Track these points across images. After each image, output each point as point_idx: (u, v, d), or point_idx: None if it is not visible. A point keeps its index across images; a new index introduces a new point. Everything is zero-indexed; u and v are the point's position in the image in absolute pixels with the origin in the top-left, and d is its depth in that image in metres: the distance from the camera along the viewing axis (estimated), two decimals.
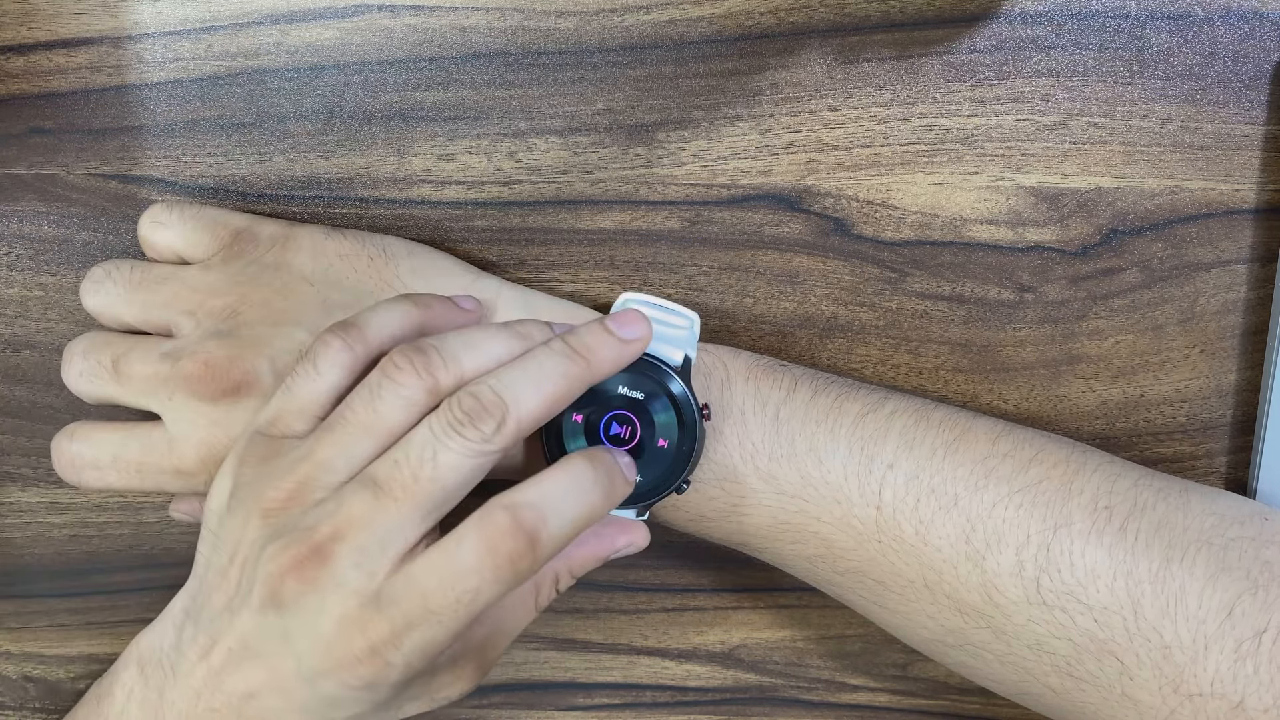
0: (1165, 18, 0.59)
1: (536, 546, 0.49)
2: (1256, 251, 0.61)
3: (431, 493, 0.49)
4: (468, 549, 0.48)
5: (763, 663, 0.67)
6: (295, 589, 0.48)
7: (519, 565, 0.48)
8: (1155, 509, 0.54)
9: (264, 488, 0.51)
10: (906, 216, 0.61)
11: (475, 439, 0.49)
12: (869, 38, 0.60)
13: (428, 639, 0.48)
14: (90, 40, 0.61)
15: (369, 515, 0.49)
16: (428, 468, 0.49)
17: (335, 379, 0.53)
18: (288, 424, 0.53)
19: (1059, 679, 0.54)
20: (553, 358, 0.52)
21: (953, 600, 0.55)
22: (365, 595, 0.48)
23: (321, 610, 0.48)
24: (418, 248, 0.60)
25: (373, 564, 0.48)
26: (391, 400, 0.51)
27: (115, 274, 0.59)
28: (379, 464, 0.50)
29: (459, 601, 0.48)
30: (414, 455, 0.50)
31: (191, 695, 0.51)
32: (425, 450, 0.49)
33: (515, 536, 0.48)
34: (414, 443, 0.50)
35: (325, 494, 0.50)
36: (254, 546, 0.50)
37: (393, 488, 0.49)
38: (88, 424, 0.60)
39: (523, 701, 0.68)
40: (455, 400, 0.50)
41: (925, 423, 0.56)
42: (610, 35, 0.60)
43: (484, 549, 0.48)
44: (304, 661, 0.49)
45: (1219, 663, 0.51)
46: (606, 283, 0.63)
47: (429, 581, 0.48)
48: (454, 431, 0.49)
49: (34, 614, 0.67)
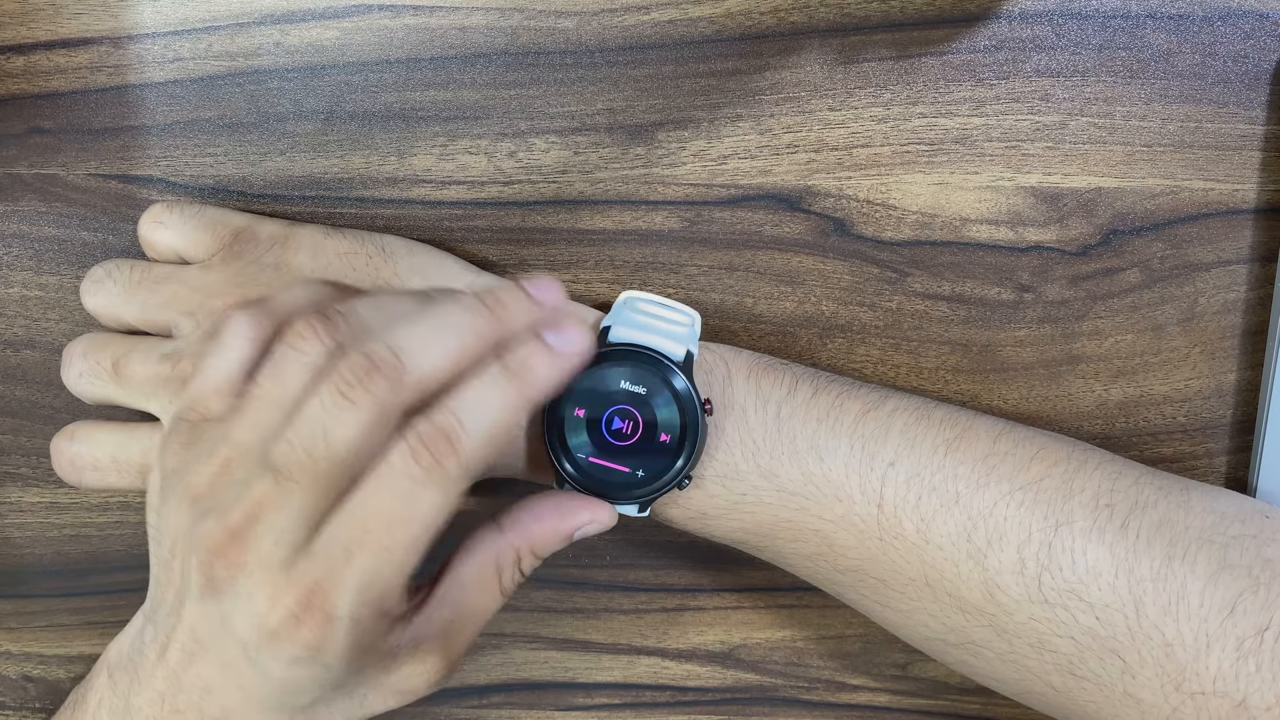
0: (1165, 18, 0.59)
1: (456, 443, 0.47)
2: (1256, 251, 0.61)
3: (330, 469, 0.47)
4: (394, 458, 0.46)
5: (763, 663, 0.67)
6: (224, 574, 0.47)
7: (446, 464, 0.46)
8: (1156, 507, 0.54)
9: (188, 474, 0.49)
10: (906, 216, 0.61)
11: (367, 403, 0.47)
12: (869, 38, 0.60)
13: (369, 570, 0.46)
14: (90, 40, 0.61)
15: (275, 498, 0.46)
16: (320, 446, 0.47)
17: (241, 352, 0.51)
18: (205, 406, 0.51)
19: (1060, 677, 0.54)
20: (457, 310, 0.50)
21: (954, 598, 0.55)
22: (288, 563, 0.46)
23: (254, 588, 0.46)
24: (417, 247, 0.60)
25: (294, 538, 0.46)
26: (294, 369, 0.49)
27: (115, 274, 0.59)
28: (275, 445, 0.47)
29: (396, 512, 0.46)
30: (305, 433, 0.47)
31: (156, 698, 0.51)
32: (315, 426, 0.47)
33: (433, 437, 0.46)
34: (305, 418, 0.47)
35: (244, 474, 0.48)
36: (186, 535, 0.49)
37: (291, 470, 0.47)
38: (87, 424, 0.60)
39: (523, 701, 0.68)
40: (344, 362, 0.47)
41: (926, 421, 0.56)
42: (610, 35, 0.60)
43: (408, 453, 0.46)
44: (247, 644, 0.47)
45: (1221, 660, 0.51)
46: (606, 283, 0.63)
47: (363, 505, 0.46)
48: (342, 398, 0.47)
49: (34, 614, 0.67)
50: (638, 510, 0.56)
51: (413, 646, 0.51)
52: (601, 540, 0.65)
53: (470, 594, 0.53)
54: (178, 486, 0.50)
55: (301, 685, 0.48)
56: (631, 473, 0.55)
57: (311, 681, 0.48)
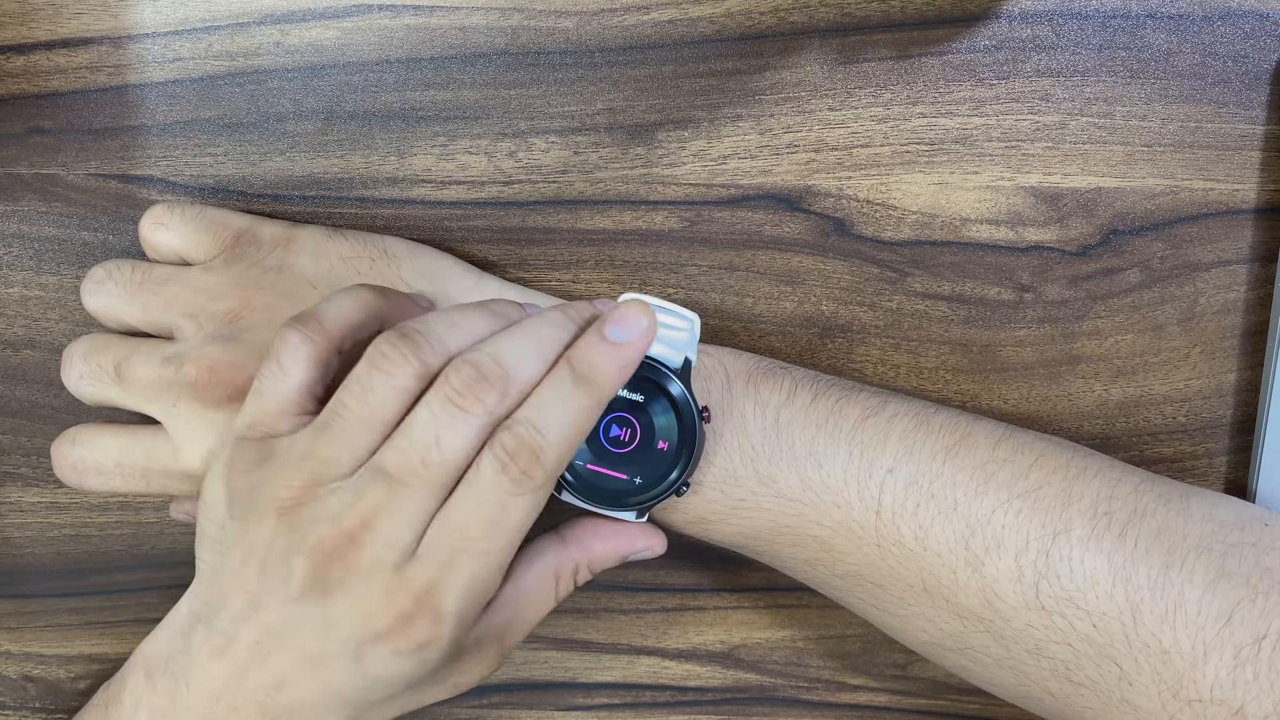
0: (1165, 18, 0.59)
1: (541, 454, 0.50)
2: (1256, 251, 0.61)
3: (442, 474, 0.50)
4: (486, 472, 0.50)
5: (763, 663, 0.67)
6: (339, 574, 0.49)
7: (533, 474, 0.50)
8: (1155, 515, 0.54)
9: (273, 488, 0.51)
10: (906, 216, 0.61)
11: (478, 411, 0.50)
12: (869, 38, 0.60)
13: (473, 574, 0.50)
14: (90, 40, 0.61)
15: (389, 503, 0.50)
16: (434, 452, 0.50)
17: (301, 375, 0.53)
18: (270, 425, 0.53)
19: (1058, 684, 0.54)
20: (549, 324, 0.53)
21: (952, 605, 0.55)
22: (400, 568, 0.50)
23: (367, 589, 0.49)
24: (419, 248, 0.60)
25: (404, 542, 0.50)
26: (383, 390, 0.51)
27: (116, 275, 0.59)
28: (386, 453, 0.51)
29: (491, 523, 0.50)
30: (418, 440, 0.50)
31: (208, 698, 0.51)
32: (427, 434, 0.50)
33: (519, 450, 0.50)
34: (416, 427, 0.50)
35: (337, 487, 0.50)
36: (273, 544, 0.50)
37: (404, 476, 0.50)
38: (89, 428, 0.60)
39: (523, 701, 0.68)
40: (453, 372, 0.50)
41: (925, 427, 0.56)
42: (610, 35, 0.60)
43: (497, 467, 0.50)
44: (349, 641, 0.50)
45: (1219, 669, 0.51)
46: (606, 283, 0.63)
47: (459, 516, 0.50)
48: (454, 408, 0.50)
49: (34, 614, 0.67)
50: (636, 516, 0.56)
51: (476, 645, 0.54)
52: None
53: (528, 598, 0.56)
54: (258, 500, 0.51)
55: (394, 680, 0.51)
56: (629, 480, 0.55)
57: (406, 676, 0.51)
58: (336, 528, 0.49)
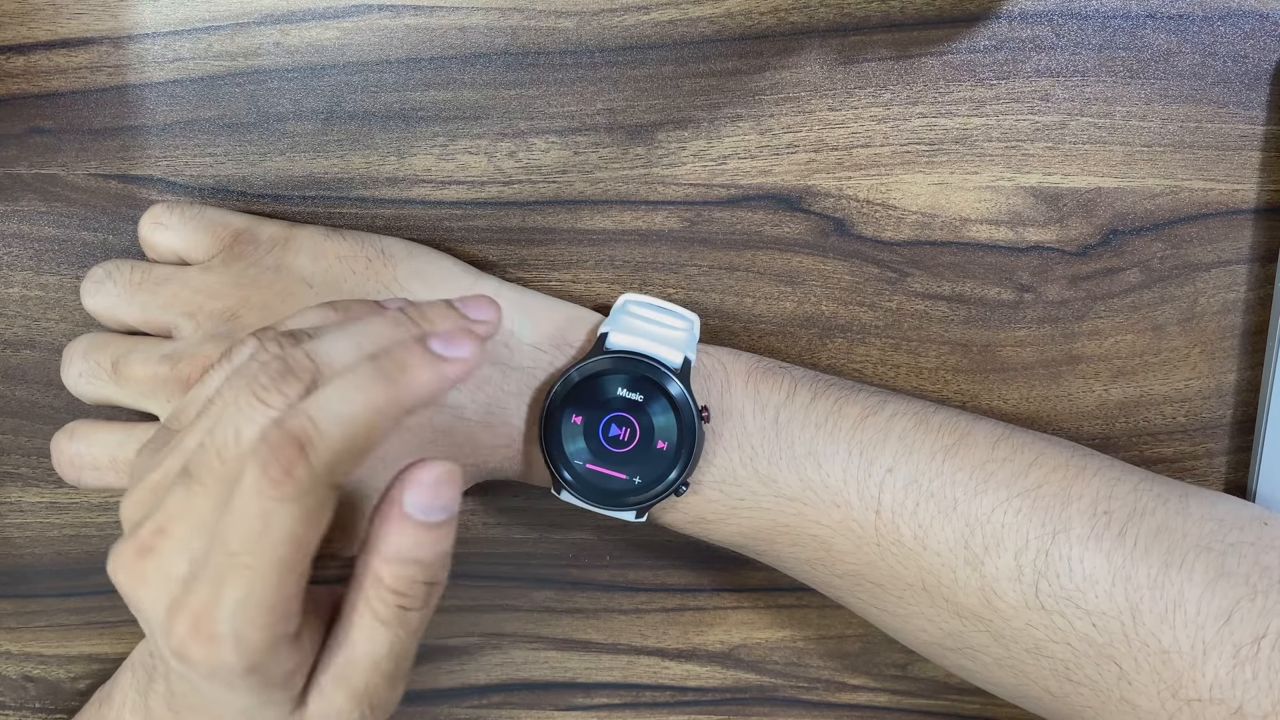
0: (1165, 18, 0.59)
1: (309, 448, 0.44)
2: (1256, 251, 0.61)
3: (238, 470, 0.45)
4: (246, 477, 0.44)
5: (763, 663, 0.67)
6: (129, 586, 0.46)
7: (295, 474, 0.43)
8: (1155, 514, 0.54)
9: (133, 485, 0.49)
10: (906, 216, 0.61)
11: (279, 405, 0.45)
12: (869, 38, 0.60)
13: (242, 590, 0.44)
14: (90, 40, 0.61)
15: (184, 507, 0.46)
16: (231, 447, 0.45)
17: None
18: (187, 416, 0.51)
19: (1057, 683, 0.54)
20: (380, 322, 0.49)
21: (951, 604, 0.55)
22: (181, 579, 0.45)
23: (155, 603, 0.46)
24: (417, 249, 0.60)
25: (192, 549, 0.45)
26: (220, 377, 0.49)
27: (115, 274, 0.59)
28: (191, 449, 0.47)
29: (253, 534, 0.44)
30: (219, 436, 0.46)
31: (163, 700, 0.52)
32: (228, 428, 0.46)
33: (282, 446, 0.43)
34: (220, 421, 0.46)
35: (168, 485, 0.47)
36: None
37: (201, 475, 0.45)
38: (87, 423, 0.60)
39: (523, 701, 0.68)
40: (260, 364, 0.47)
41: (925, 426, 0.56)
42: (610, 35, 0.60)
43: (258, 469, 0.43)
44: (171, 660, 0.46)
45: (1218, 668, 0.51)
46: (606, 283, 0.63)
47: (223, 527, 0.44)
48: (255, 400, 0.45)
49: (34, 614, 0.67)
50: (635, 516, 0.56)
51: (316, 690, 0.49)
52: (601, 540, 0.65)
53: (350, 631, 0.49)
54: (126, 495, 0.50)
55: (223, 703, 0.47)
56: (629, 479, 0.56)
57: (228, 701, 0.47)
58: (134, 537, 0.46)
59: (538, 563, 0.66)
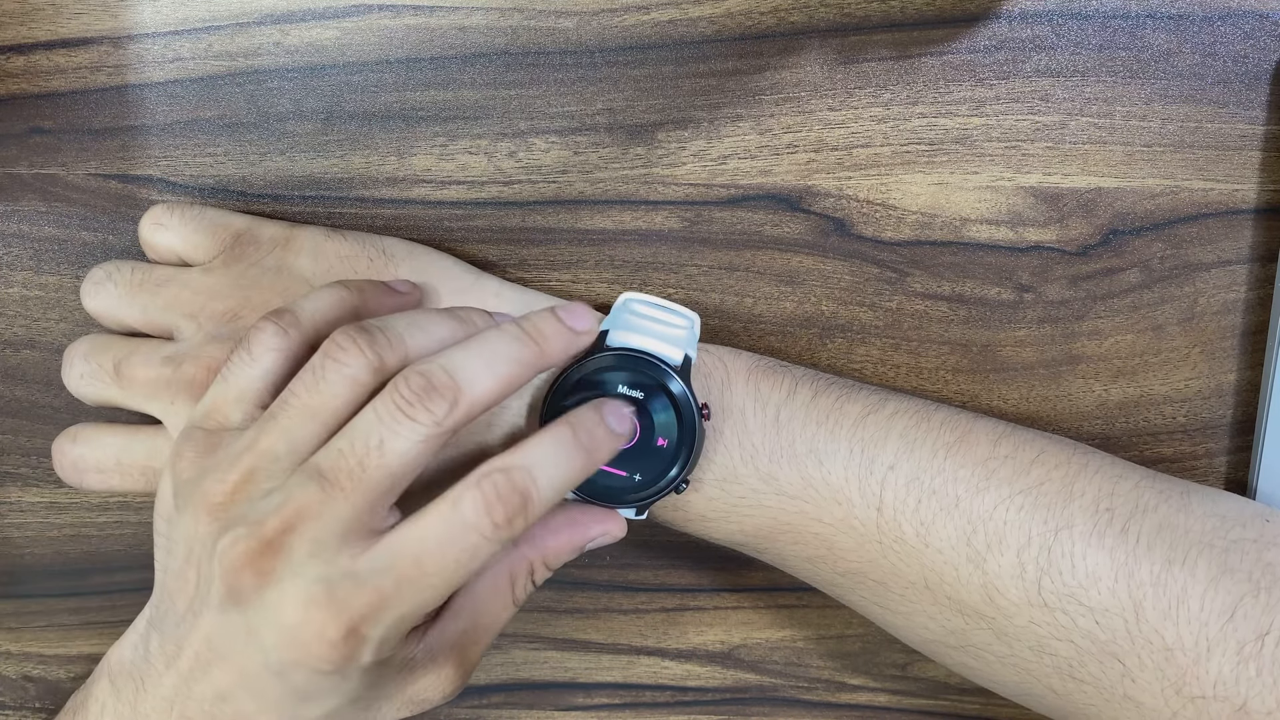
0: (1165, 18, 0.59)
1: (529, 505, 0.48)
2: (1256, 251, 0.61)
3: (379, 480, 0.48)
4: (467, 508, 0.47)
5: (763, 663, 0.67)
6: (252, 583, 0.47)
7: (515, 523, 0.48)
8: (1157, 511, 0.54)
9: (208, 483, 0.50)
10: (906, 216, 0.61)
11: (426, 421, 0.48)
12: (869, 38, 0.60)
13: (413, 606, 0.48)
14: (90, 40, 0.61)
15: (318, 507, 0.47)
16: (374, 455, 0.48)
17: (270, 364, 0.52)
18: (224, 415, 0.52)
19: (1060, 681, 0.54)
20: (505, 340, 0.51)
21: (954, 601, 0.55)
22: (328, 580, 0.47)
23: (282, 601, 0.47)
24: (418, 249, 0.60)
25: (329, 552, 0.47)
26: (335, 380, 0.50)
27: (116, 275, 0.59)
28: (323, 453, 0.49)
29: (456, 560, 0.47)
30: (359, 443, 0.48)
31: (164, 705, 0.51)
32: (371, 437, 0.48)
33: (510, 497, 0.48)
34: (359, 429, 0.49)
35: (272, 484, 0.49)
36: (205, 544, 0.49)
37: (339, 477, 0.48)
38: (89, 426, 0.60)
39: (523, 701, 0.68)
40: (402, 380, 0.49)
41: (926, 424, 0.56)
42: (610, 35, 0.60)
43: (482, 507, 0.47)
44: (271, 655, 0.47)
45: (1221, 665, 0.51)
46: (606, 283, 0.63)
47: (423, 544, 0.47)
48: (402, 414, 0.48)
49: (34, 614, 0.67)
50: (635, 514, 0.56)
51: (429, 659, 0.52)
52: None
53: (484, 605, 0.54)
54: (194, 495, 0.50)
55: (320, 696, 0.49)
56: (629, 477, 0.55)
57: (328, 692, 0.49)
58: (255, 532, 0.47)
59: None
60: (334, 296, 0.54)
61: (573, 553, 0.55)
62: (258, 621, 0.48)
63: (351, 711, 0.51)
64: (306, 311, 0.54)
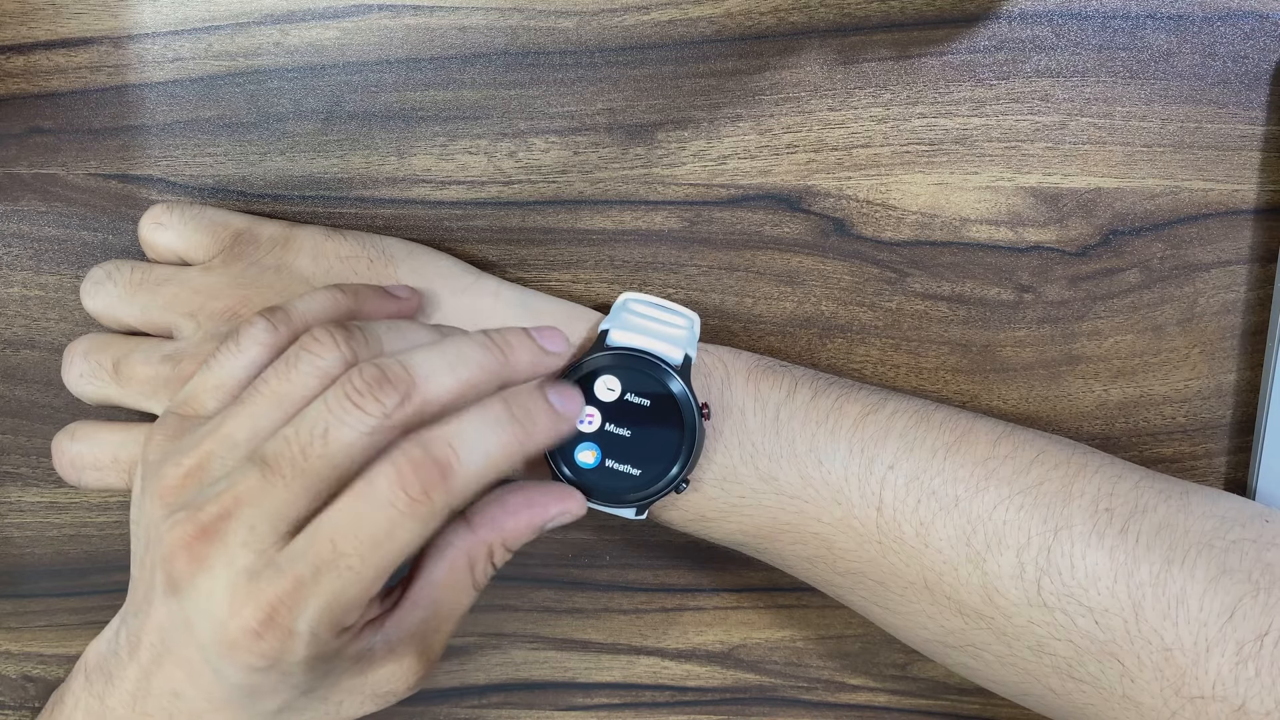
0: (1165, 18, 0.59)
1: (449, 477, 0.47)
2: (1256, 251, 0.61)
3: (319, 469, 0.47)
4: (380, 482, 0.46)
5: (763, 663, 0.67)
6: (186, 570, 0.46)
7: (433, 496, 0.46)
8: (1156, 511, 0.54)
9: (166, 467, 0.49)
10: (906, 216, 0.61)
11: (374, 412, 0.47)
12: (869, 38, 0.60)
13: (335, 593, 0.46)
14: (90, 40, 0.61)
15: (256, 493, 0.46)
16: (318, 444, 0.47)
17: (254, 356, 0.52)
18: (200, 402, 0.52)
19: (1060, 681, 0.54)
20: (471, 345, 0.51)
21: (953, 601, 0.55)
22: (253, 570, 0.46)
23: (214, 590, 0.46)
24: (417, 249, 0.60)
25: (262, 541, 0.46)
26: (306, 371, 0.49)
27: (115, 275, 0.59)
28: (270, 440, 0.48)
29: (373, 539, 0.46)
30: (304, 431, 0.47)
31: (128, 700, 0.51)
32: (316, 425, 0.47)
33: (426, 467, 0.46)
34: (307, 417, 0.48)
35: (224, 471, 0.48)
36: (156, 530, 0.48)
37: (280, 465, 0.47)
38: (88, 424, 0.60)
39: (522, 701, 0.68)
40: (356, 372, 0.48)
41: (926, 424, 0.56)
42: (610, 35, 0.60)
43: (395, 480, 0.46)
44: (208, 650, 0.47)
45: (1220, 665, 0.51)
46: (606, 283, 0.63)
47: (337, 525, 0.46)
48: (350, 404, 0.47)
49: (34, 614, 0.67)
50: (636, 513, 0.56)
51: (387, 649, 0.51)
52: (601, 540, 0.65)
53: (444, 593, 0.52)
54: (153, 480, 0.50)
55: (263, 691, 0.48)
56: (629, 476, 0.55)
57: (273, 688, 0.48)
58: (193, 517, 0.47)
59: (537, 563, 0.66)
60: (328, 299, 0.54)
61: (533, 533, 0.53)
62: (191, 611, 0.47)
63: (308, 704, 0.50)
64: (299, 311, 0.53)
